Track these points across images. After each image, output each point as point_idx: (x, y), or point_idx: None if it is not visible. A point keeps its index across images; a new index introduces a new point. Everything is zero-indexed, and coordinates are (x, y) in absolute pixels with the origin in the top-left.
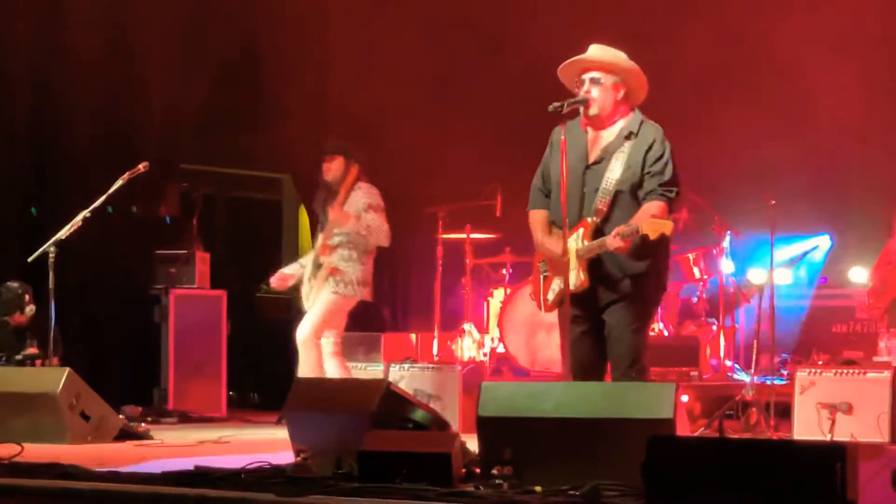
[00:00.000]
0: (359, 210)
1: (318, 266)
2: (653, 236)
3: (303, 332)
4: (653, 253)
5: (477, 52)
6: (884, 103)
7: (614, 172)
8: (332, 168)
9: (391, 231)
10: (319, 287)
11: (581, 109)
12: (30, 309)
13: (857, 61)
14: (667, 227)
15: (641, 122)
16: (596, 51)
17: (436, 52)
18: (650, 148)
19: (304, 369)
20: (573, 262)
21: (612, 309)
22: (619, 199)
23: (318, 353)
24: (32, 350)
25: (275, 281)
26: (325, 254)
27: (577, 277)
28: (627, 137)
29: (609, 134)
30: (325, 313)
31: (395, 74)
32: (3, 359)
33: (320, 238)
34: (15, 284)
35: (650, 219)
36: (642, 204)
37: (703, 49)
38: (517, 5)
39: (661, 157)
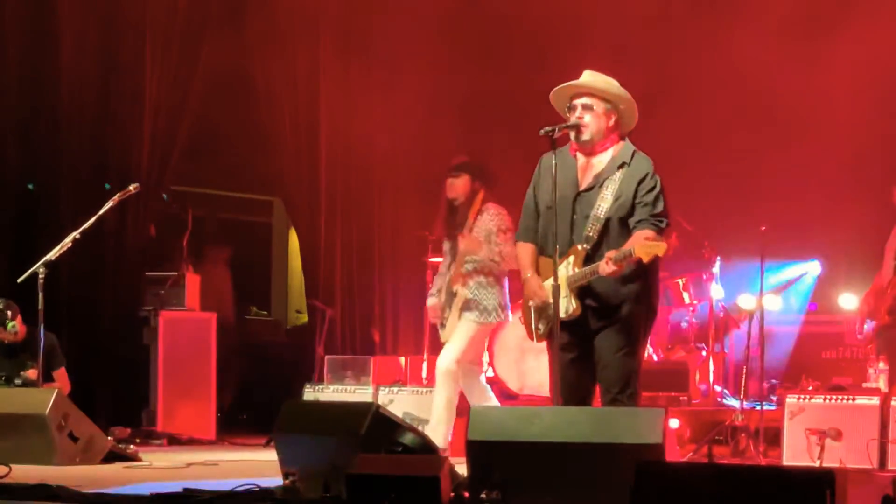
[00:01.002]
0: (489, 234)
1: (452, 294)
2: (646, 259)
3: (444, 362)
4: (642, 277)
5: (467, 78)
6: (875, 129)
7: (606, 200)
8: (457, 186)
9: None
10: (456, 316)
11: (572, 135)
12: (12, 326)
13: (848, 87)
14: (660, 248)
15: (634, 153)
16: (589, 77)
17: (426, 76)
18: (643, 180)
19: (440, 399)
20: (564, 290)
21: (603, 335)
22: (609, 227)
23: (457, 384)
24: (31, 374)
25: (433, 318)
26: (459, 283)
27: (568, 305)
28: (620, 167)
29: (600, 161)
30: (467, 343)
31: (385, 99)
32: (3, 378)
33: (453, 267)
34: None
35: (643, 241)
36: (633, 232)
37: (694, 76)
38: (513, 27)
39: (652, 188)
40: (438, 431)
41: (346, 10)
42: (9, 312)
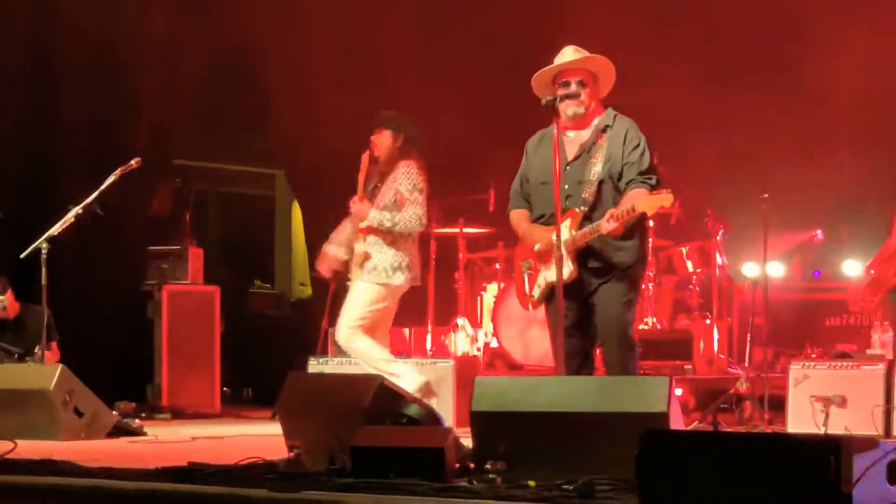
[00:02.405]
0: (395, 193)
1: (358, 255)
2: (650, 213)
3: (340, 336)
4: (635, 234)
5: (468, 46)
6: (878, 95)
7: (597, 164)
8: (377, 142)
9: (427, 216)
10: (356, 276)
11: (565, 108)
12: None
13: (851, 53)
14: (666, 200)
15: (615, 116)
16: (575, 54)
17: (427, 46)
18: (626, 138)
19: (371, 362)
20: (563, 252)
21: (600, 290)
22: (602, 190)
23: (365, 337)
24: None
25: (321, 268)
26: (357, 240)
27: (566, 267)
28: (603, 131)
29: (585, 132)
30: (357, 305)
31: (385, 69)
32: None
33: (349, 226)
34: None
35: (646, 196)
36: (625, 193)
37: (696, 44)
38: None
39: (636, 146)
40: (404, 381)
41: None
42: None
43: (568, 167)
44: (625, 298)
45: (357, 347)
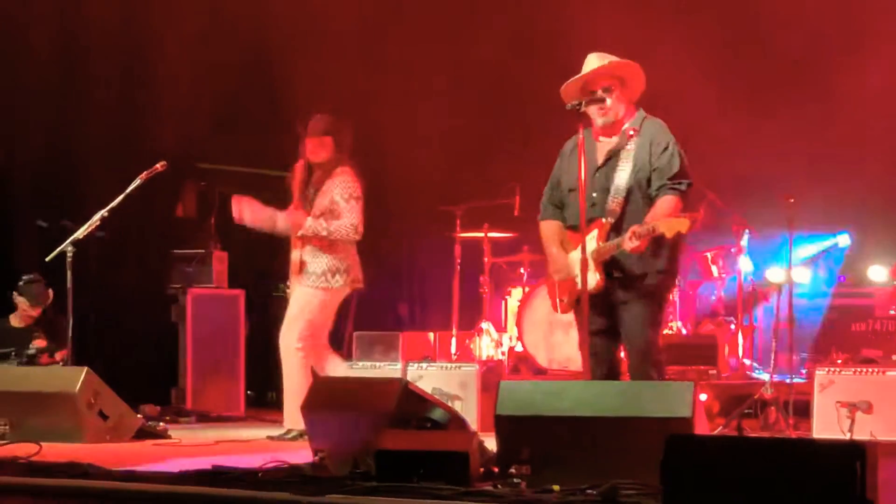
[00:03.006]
0: (332, 200)
1: (294, 263)
2: (669, 235)
3: (281, 337)
4: (668, 251)
5: (495, 52)
6: None
7: (624, 172)
8: (312, 147)
9: (363, 222)
10: (295, 283)
11: (596, 119)
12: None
13: (879, 58)
14: (683, 225)
15: (644, 119)
16: (600, 60)
17: (453, 52)
18: (654, 142)
19: (291, 380)
20: (589, 264)
21: (627, 306)
22: (631, 198)
23: (301, 359)
24: (40, 342)
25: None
26: (296, 247)
27: (592, 278)
28: (632, 136)
29: (615, 137)
30: (299, 311)
31: (411, 74)
32: (13, 354)
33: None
34: (38, 277)
35: (666, 218)
36: (655, 200)
37: (720, 47)
38: (541, 6)
39: (665, 149)
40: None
41: None
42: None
43: (596, 174)
44: (649, 319)
45: (300, 354)
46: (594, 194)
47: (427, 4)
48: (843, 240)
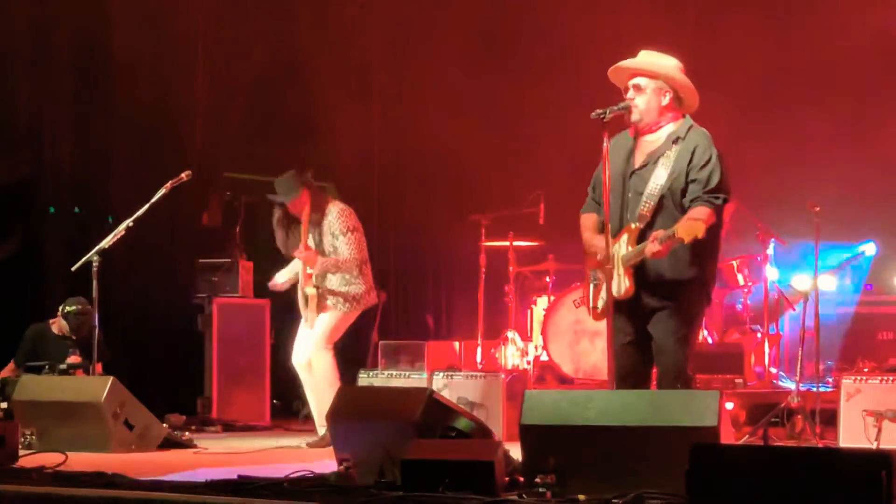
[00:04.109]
0: (334, 234)
1: (311, 298)
2: (687, 239)
3: (304, 355)
4: (699, 261)
5: (519, 60)
6: None
7: (660, 177)
8: (295, 206)
9: (366, 245)
10: (313, 316)
11: (626, 115)
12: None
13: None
14: (699, 230)
15: (690, 128)
16: (642, 56)
17: (479, 61)
18: (695, 154)
19: (320, 389)
20: (619, 269)
21: (657, 318)
22: (663, 205)
23: (331, 361)
24: (75, 359)
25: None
26: (310, 284)
27: (622, 284)
28: (675, 142)
29: (655, 139)
30: (329, 328)
31: (437, 83)
32: (47, 367)
33: (301, 269)
34: (86, 308)
35: (685, 222)
36: (688, 210)
37: (750, 55)
38: (565, 14)
39: (706, 163)
40: None
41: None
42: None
43: (633, 176)
44: (679, 334)
45: (324, 365)
46: (629, 195)
47: (456, 14)
48: (870, 248)
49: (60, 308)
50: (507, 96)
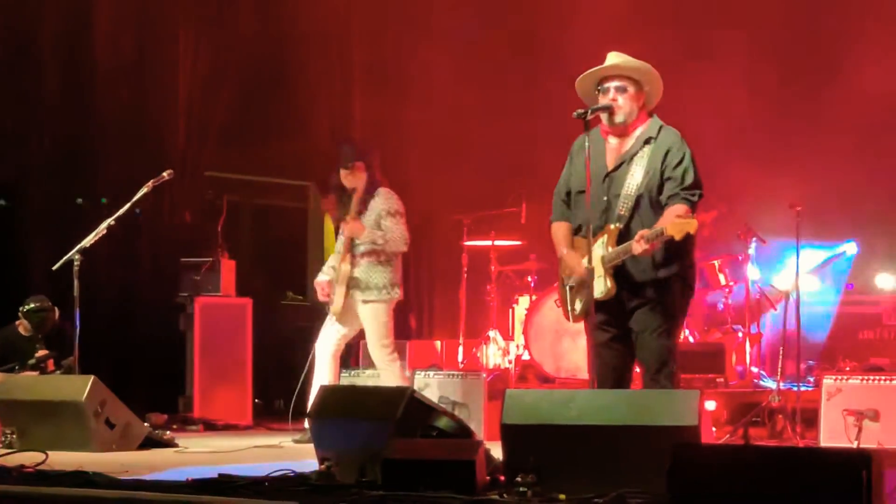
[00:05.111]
0: (380, 216)
1: (343, 274)
2: (678, 237)
3: (374, 353)
4: (678, 257)
5: (501, 60)
6: None
7: (635, 178)
8: (350, 175)
9: (410, 237)
10: (341, 295)
11: (604, 118)
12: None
13: (888, 64)
14: (691, 226)
15: (660, 127)
16: (617, 59)
17: (460, 60)
18: (669, 153)
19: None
20: (599, 270)
21: (639, 314)
22: (640, 205)
23: (399, 367)
24: (42, 352)
25: (320, 294)
26: (348, 262)
27: (603, 285)
28: (647, 142)
29: (628, 140)
30: (380, 326)
31: (419, 82)
32: (17, 367)
33: (341, 246)
34: (44, 304)
35: (674, 219)
36: (665, 208)
37: (730, 55)
38: (546, 13)
39: (680, 161)
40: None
41: None
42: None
43: (606, 179)
44: (661, 329)
45: (395, 366)
46: (604, 198)
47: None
48: (851, 248)
49: (21, 308)
50: (488, 96)
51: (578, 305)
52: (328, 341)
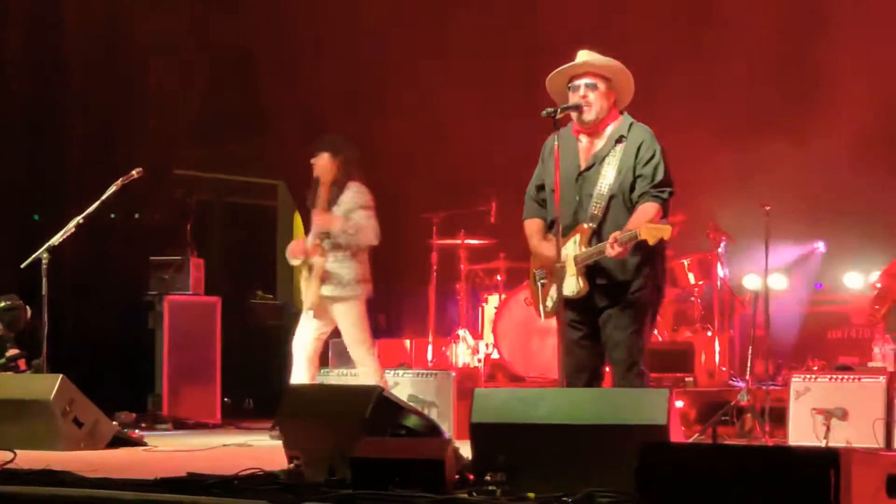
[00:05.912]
0: (349, 209)
1: (310, 267)
2: (651, 241)
3: (352, 351)
4: (649, 258)
5: (471, 57)
6: (884, 108)
7: (607, 177)
8: (318, 165)
9: (380, 231)
10: (316, 288)
11: (575, 116)
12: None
13: (854, 65)
14: (665, 231)
15: (631, 125)
16: (588, 56)
17: (430, 60)
18: (640, 151)
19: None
20: (571, 269)
21: (610, 313)
22: (613, 204)
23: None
24: (13, 351)
25: (289, 255)
26: (317, 254)
27: (575, 283)
28: (619, 141)
29: (600, 139)
30: (356, 323)
31: (389, 80)
32: None
33: (310, 239)
34: (15, 303)
35: (648, 224)
36: (636, 207)
37: (700, 54)
38: (513, 12)
39: (651, 158)
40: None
41: None
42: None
43: (579, 178)
44: (631, 328)
45: (374, 363)
46: (577, 198)
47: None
48: (820, 247)
49: None
50: (458, 96)
51: (550, 302)
52: (304, 341)
